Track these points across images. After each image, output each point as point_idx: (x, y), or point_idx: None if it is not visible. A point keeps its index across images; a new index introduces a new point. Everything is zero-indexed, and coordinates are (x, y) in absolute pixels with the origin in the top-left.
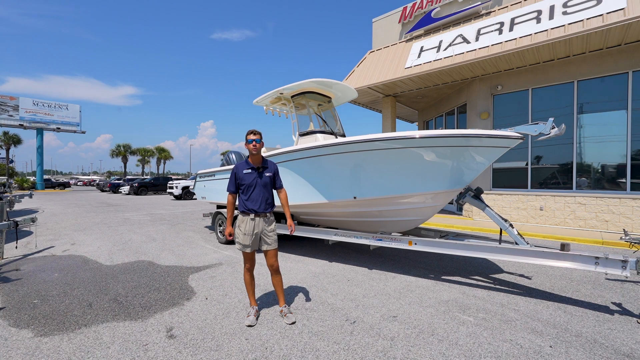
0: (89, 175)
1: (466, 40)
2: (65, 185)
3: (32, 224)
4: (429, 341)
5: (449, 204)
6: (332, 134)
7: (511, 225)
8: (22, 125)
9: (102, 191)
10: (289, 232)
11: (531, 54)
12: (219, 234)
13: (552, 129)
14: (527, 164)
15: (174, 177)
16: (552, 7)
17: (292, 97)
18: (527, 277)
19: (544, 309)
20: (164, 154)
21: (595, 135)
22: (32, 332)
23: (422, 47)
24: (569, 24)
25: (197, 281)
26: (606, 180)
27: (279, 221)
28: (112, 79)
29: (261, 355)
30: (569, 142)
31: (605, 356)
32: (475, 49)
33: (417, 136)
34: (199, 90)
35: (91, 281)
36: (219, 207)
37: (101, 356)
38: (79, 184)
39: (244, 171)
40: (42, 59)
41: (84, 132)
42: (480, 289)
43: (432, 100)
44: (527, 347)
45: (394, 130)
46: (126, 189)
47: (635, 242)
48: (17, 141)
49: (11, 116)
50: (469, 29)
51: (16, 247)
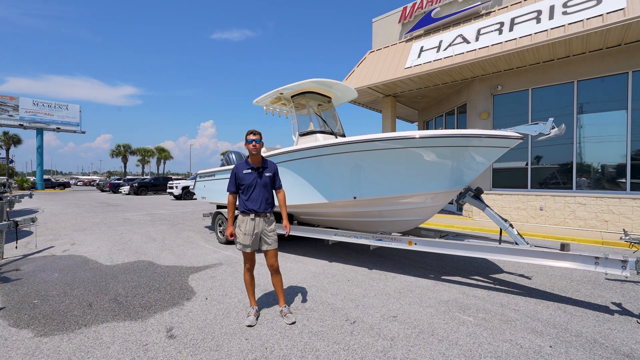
0: (89, 175)
1: (466, 40)
2: (65, 185)
3: (32, 224)
4: (429, 341)
5: (449, 204)
6: (332, 134)
7: (511, 225)
8: (22, 125)
9: (102, 191)
10: (284, 233)
11: (531, 54)
12: (219, 234)
13: (552, 129)
14: (527, 164)
15: (174, 177)
16: (552, 7)
17: (292, 97)
18: (527, 277)
19: (544, 309)
20: (164, 154)
21: (595, 135)
22: (32, 332)
23: (422, 47)
24: (569, 24)
25: (197, 281)
26: (606, 180)
27: (278, 221)
28: (112, 79)
29: (261, 355)
30: (569, 142)
31: (605, 356)
32: (475, 49)
33: (417, 136)
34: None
35: (91, 281)
36: (219, 207)
37: (101, 356)
38: (79, 184)
39: (244, 171)
40: (42, 59)
41: (84, 132)
42: (480, 289)
43: (432, 100)
44: (527, 347)
45: (394, 130)
46: (126, 189)
47: (635, 242)
48: (17, 141)
49: (11, 116)
50: (469, 29)
51: (16, 247)
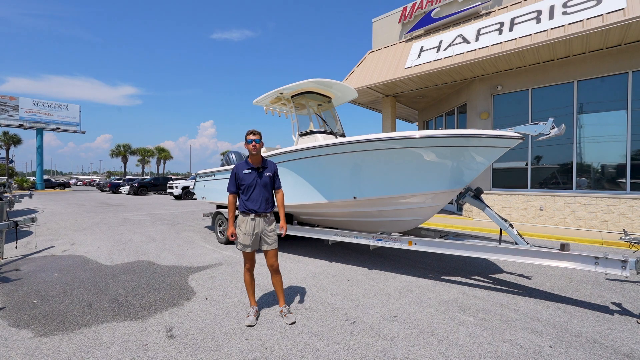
0: (88, 175)
1: (466, 40)
2: (65, 185)
3: (32, 224)
4: (429, 341)
5: (449, 204)
6: (332, 134)
7: (511, 225)
8: (22, 125)
9: (102, 191)
10: (280, 234)
11: (531, 54)
12: (219, 234)
13: (552, 129)
14: (527, 164)
15: (173, 177)
16: (552, 7)
17: (292, 97)
18: (527, 277)
19: (544, 309)
20: (164, 154)
21: (595, 135)
22: (32, 332)
23: (422, 47)
24: (569, 24)
25: (197, 281)
26: (606, 180)
27: (278, 221)
28: (112, 79)
29: (261, 355)
30: (569, 142)
31: (605, 356)
32: (475, 49)
33: (417, 136)
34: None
35: (91, 281)
36: (219, 207)
37: (101, 356)
38: (78, 184)
39: (244, 171)
40: (42, 59)
41: (84, 132)
42: (480, 289)
43: (432, 100)
44: (527, 347)
45: (394, 130)
46: (126, 189)
47: (635, 242)
48: (17, 141)
49: (11, 116)
50: (468, 29)
51: (16, 247)
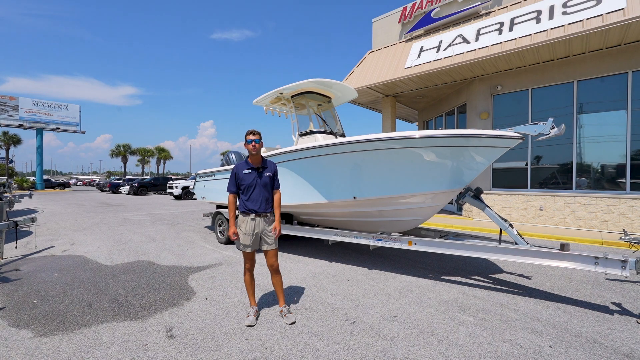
0: (88, 175)
1: (466, 40)
2: (65, 185)
3: (31, 224)
4: (429, 341)
5: (449, 204)
6: (332, 134)
7: (511, 225)
8: (21, 125)
9: (102, 191)
10: (274, 234)
11: (531, 54)
12: (219, 234)
13: (552, 129)
14: (526, 164)
15: (173, 177)
16: (551, 7)
17: (292, 97)
18: (527, 277)
19: (544, 309)
20: (163, 154)
21: (595, 135)
22: (32, 332)
23: (422, 47)
24: (569, 24)
25: (197, 281)
26: (606, 180)
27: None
28: (112, 79)
29: (261, 355)
30: (569, 142)
31: (605, 356)
32: (475, 49)
33: (417, 136)
34: (199, 90)
35: (91, 281)
36: (219, 207)
37: (101, 356)
38: (78, 184)
39: (244, 171)
40: (42, 59)
41: (83, 132)
42: (480, 289)
43: (432, 100)
44: (526, 347)
45: (394, 130)
46: (126, 189)
47: (634, 242)
48: (16, 141)
49: (11, 116)
50: (468, 29)
51: (16, 247)
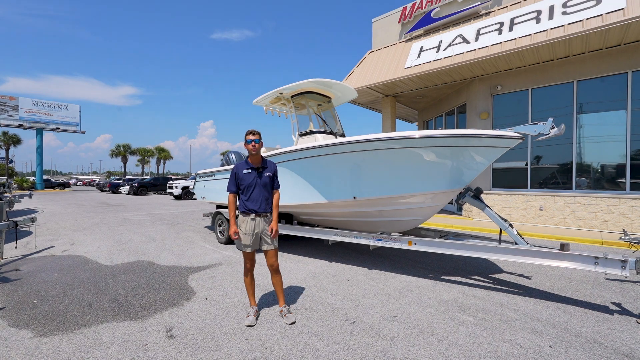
0: (88, 175)
1: (466, 40)
2: (64, 185)
3: (31, 224)
4: (429, 341)
5: (449, 204)
6: (331, 134)
7: (511, 225)
8: (21, 125)
9: (102, 191)
10: (270, 233)
11: (531, 54)
12: (219, 234)
13: (552, 129)
14: (526, 164)
15: (173, 177)
16: (551, 7)
17: (292, 97)
18: (527, 277)
19: (544, 309)
20: (163, 154)
21: (594, 135)
22: (32, 332)
23: (421, 47)
24: (569, 24)
25: (196, 281)
26: (606, 180)
27: (279, 221)
28: (112, 79)
29: (261, 355)
30: (569, 142)
31: (604, 356)
32: (474, 49)
33: (417, 136)
34: (199, 90)
35: (91, 281)
36: (219, 207)
37: (101, 356)
38: (78, 184)
39: (244, 171)
40: (42, 58)
41: (83, 132)
42: (480, 289)
43: (432, 100)
44: (526, 347)
45: (394, 130)
46: (126, 189)
47: (634, 242)
48: (16, 141)
49: (11, 116)
50: (468, 29)
51: (16, 247)
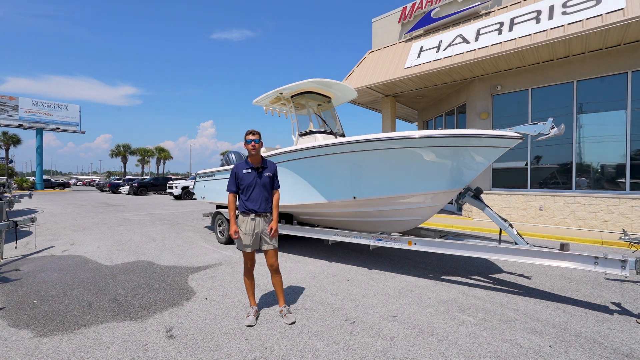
0: (88, 175)
1: (466, 40)
2: (64, 185)
3: (31, 224)
4: (429, 341)
5: (448, 204)
6: (331, 134)
7: (511, 225)
8: (21, 125)
9: (102, 191)
10: (269, 233)
11: (531, 54)
12: (219, 234)
13: (552, 129)
14: (526, 164)
15: (173, 177)
16: (551, 7)
17: (292, 97)
18: (527, 277)
19: (544, 309)
20: (163, 154)
21: (594, 135)
22: (32, 332)
23: (421, 47)
24: (569, 24)
25: (196, 281)
26: (606, 180)
27: (279, 221)
28: (112, 79)
29: (261, 355)
30: (569, 142)
31: (604, 356)
32: (474, 49)
33: (417, 136)
34: (199, 90)
35: (91, 281)
36: (219, 207)
37: (101, 356)
38: (78, 184)
39: (244, 171)
40: (42, 58)
41: (83, 132)
42: (479, 289)
43: (432, 100)
44: (526, 346)
45: (394, 130)
46: (126, 189)
47: (634, 242)
48: (16, 141)
49: (11, 116)
50: (468, 29)
51: (16, 247)
